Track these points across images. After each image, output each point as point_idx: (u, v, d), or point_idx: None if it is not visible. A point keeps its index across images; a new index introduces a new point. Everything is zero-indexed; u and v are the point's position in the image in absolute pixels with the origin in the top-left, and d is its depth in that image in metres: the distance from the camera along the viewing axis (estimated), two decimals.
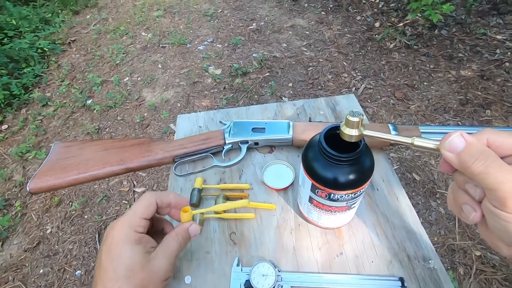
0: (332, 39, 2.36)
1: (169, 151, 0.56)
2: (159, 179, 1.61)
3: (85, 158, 0.55)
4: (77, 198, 1.57)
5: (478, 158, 0.23)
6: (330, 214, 0.42)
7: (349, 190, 0.37)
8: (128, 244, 0.32)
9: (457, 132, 0.25)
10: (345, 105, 0.66)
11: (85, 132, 1.88)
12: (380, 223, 0.47)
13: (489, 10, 2.31)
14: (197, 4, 2.94)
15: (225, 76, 2.14)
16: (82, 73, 2.31)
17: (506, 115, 1.63)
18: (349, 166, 0.36)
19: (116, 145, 0.57)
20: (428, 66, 2.02)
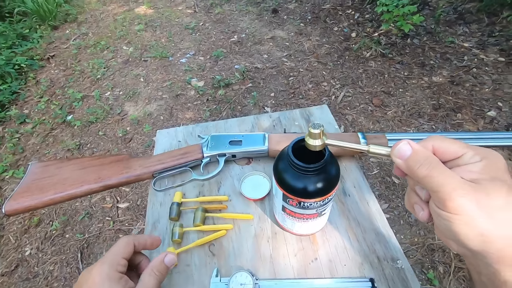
0: (312, 50, 2.43)
1: (148, 166, 0.57)
2: (143, 194, 1.59)
3: (62, 177, 0.55)
4: (57, 217, 1.53)
5: (422, 164, 0.26)
6: (303, 222, 0.44)
7: (318, 197, 0.39)
8: (109, 283, 0.32)
9: (405, 140, 0.28)
10: (318, 115, 0.69)
11: (65, 149, 1.84)
12: (352, 228, 0.49)
13: (456, 20, 2.45)
14: (179, 18, 2.98)
15: (208, 88, 2.16)
16: (62, 88, 2.28)
17: (476, 118, 1.73)
18: (316, 176, 0.38)
19: (94, 163, 0.57)
20: (402, 73, 2.11)
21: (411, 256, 1.25)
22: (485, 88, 1.89)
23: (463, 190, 0.24)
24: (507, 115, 1.70)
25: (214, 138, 0.60)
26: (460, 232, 0.24)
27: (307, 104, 1.97)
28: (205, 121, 1.92)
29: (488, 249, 0.24)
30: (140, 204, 1.56)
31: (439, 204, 0.25)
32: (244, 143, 0.59)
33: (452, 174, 0.25)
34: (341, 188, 0.55)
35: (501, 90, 1.85)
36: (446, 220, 0.25)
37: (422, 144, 0.28)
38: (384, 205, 1.43)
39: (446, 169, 0.26)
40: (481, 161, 0.25)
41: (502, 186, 0.24)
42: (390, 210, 1.41)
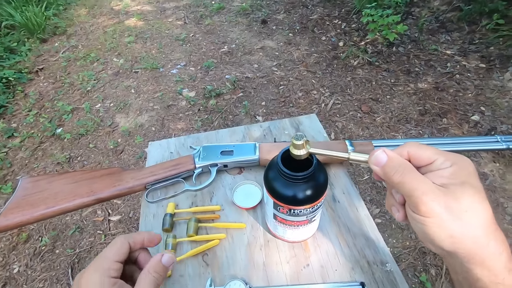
0: (301, 59, 2.48)
1: (140, 178, 0.57)
2: (135, 206, 1.58)
3: (53, 192, 0.55)
4: (47, 232, 1.50)
5: (397, 170, 0.27)
6: (294, 228, 0.45)
7: (307, 204, 0.40)
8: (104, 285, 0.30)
9: (381, 149, 0.29)
10: (307, 124, 0.71)
11: (55, 162, 1.82)
12: (342, 233, 0.50)
13: (438, 28, 2.55)
14: (169, 29, 3.00)
15: (199, 98, 2.18)
16: (51, 101, 2.26)
17: (460, 122, 1.78)
18: (305, 183, 0.39)
19: (86, 177, 0.57)
20: (389, 80, 2.17)
21: (404, 260, 1.27)
22: (468, 94, 1.95)
23: (433, 194, 0.25)
24: (490, 119, 1.76)
25: (205, 149, 0.61)
26: (432, 234, 0.26)
27: (298, 112, 2.00)
28: (197, 131, 1.93)
29: (459, 249, 0.25)
30: (132, 217, 1.54)
31: (413, 208, 0.27)
32: (236, 153, 0.60)
33: (423, 180, 0.27)
34: (330, 194, 0.56)
35: (483, 95, 1.92)
36: (420, 223, 0.27)
37: (399, 151, 0.30)
38: (376, 210, 1.45)
39: (418, 174, 0.27)
40: (451, 167, 0.27)
41: (469, 189, 0.26)
42: (382, 215, 1.43)
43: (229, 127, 2.00)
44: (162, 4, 3.49)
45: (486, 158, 1.58)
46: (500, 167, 1.53)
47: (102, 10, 3.43)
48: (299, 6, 3.15)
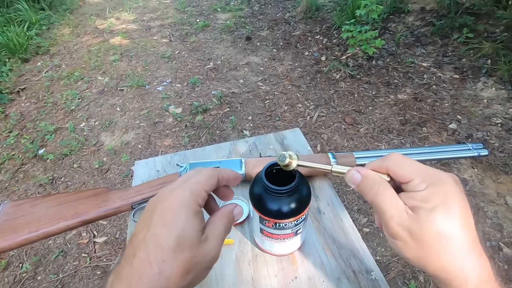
0: (285, 73, 2.55)
1: (127, 198, 0.57)
2: (121, 226, 1.54)
3: (37, 215, 0.54)
4: (28, 258, 1.44)
5: (370, 190, 0.28)
6: (281, 242, 0.46)
7: (292, 217, 0.42)
8: (186, 212, 0.27)
9: (355, 168, 0.31)
10: (292, 138, 0.73)
11: (37, 184, 1.76)
12: (328, 244, 0.52)
13: (414, 42, 2.69)
14: (154, 47, 3.03)
15: (186, 114, 2.18)
16: (33, 122, 2.21)
17: (439, 131, 1.86)
18: (289, 197, 0.41)
19: (71, 198, 0.57)
20: (370, 92, 2.25)
21: (393, 268, 1.28)
22: (445, 103, 2.05)
23: (399, 219, 0.26)
24: (466, 127, 1.85)
25: (192, 166, 0.62)
26: (401, 253, 0.27)
27: (284, 126, 2.03)
28: (184, 147, 1.92)
29: (427, 272, 0.26)
30: (119, 237, 1.50)
31: (384, 227, 0.28)
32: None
33: (394, 202, 0.27)
34: (315, 206, 0.58)
35: (459, 104, 2.02)
36: (391, 241, 0.28)
37: (378, 164, 0.30)
38: (364, 219, 1.47)
39: (390, 195, 0.27)
40: (425, 189, 0.26)
41: (440, 215, 0.25)
42: (370, 224, 1.45)
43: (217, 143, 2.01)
44: (147, 22, 3.53)
45: (465, 164, 1.64)
46: (479, 173, 1.60)
47: (86, 29, 3.44)
48: (281, 23, 3.26)
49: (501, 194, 1.49)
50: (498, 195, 1.48)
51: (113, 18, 3.65)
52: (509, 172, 1.56)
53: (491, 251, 1.28)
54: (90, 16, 3.71)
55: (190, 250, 0.26)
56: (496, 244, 1.30)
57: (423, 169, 0.28)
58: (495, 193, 1.49)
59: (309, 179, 0.63)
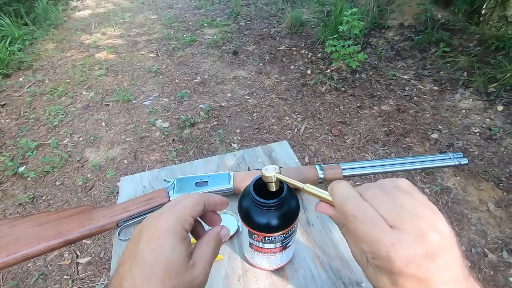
0: (272, 87, 2.59)
1: (112, 216, 0.55)
2: (106, 245, 1.48)
3: (16, 237, 0.52)
4: (5, 282, 1.36)
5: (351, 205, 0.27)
6: (270, 256, 0.45)
7: (281, 231, 0.41)
8: (173, 238, 0.27)
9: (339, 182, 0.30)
10: (279, 151, 0.74)
11: (16, 204, 1.69)
12: (318, 257, 0.51)
13: (395, 56, 2.80)
14: (141, 62, 3.03)
15: (174, 128, 2.17)
16: (14, 138, 2.14)
17: (422, 141, 1.91)
18: (277, 210, 0.41)
19: (53, 218, 0.55)
20: (355, 104, 2.31)
21: None
22: (426, 114, 2.12)
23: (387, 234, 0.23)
24: (448, 136, 1.91)
25: (180, 181, 0.61)
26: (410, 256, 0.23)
27: (272, 138, 2.05)
28: (171, 162, 1.90)
29: None
30: (103, 257, 1.44)
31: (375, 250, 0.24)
32: (210, 183, 0.61)
33: None
34: (305, 219, 0.58)
35: (439, 115, 2.09)
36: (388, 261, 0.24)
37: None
38: None
39: None
40: None
41: None
42: None
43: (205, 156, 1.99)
44: (133, 37, 3.54)
45: (448, 173, 1.69)
46: (461, 181, 1.64)
47: (71, 44, 3.41)
48: (267, 38, 3.34)
49: (483, 201, 1.53)
50: (481, 202, 1.53)
51: (99, 33, 3.64)
52: (489, 179, 1.61)
53: (476, 257, 1.30)
54: (76, 31, 3.68)
55: (177, 277, 0.26)
56: (481, 251, 1.33)
57: None
58: (477, 200, 1.54)
59: (297, 192, 0.63)
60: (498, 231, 1.40)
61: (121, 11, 4.26)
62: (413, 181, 1.68)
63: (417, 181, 1.67)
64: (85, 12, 4.30)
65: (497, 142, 1.82)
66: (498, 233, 1.39)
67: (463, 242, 1.37)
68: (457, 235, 1.38)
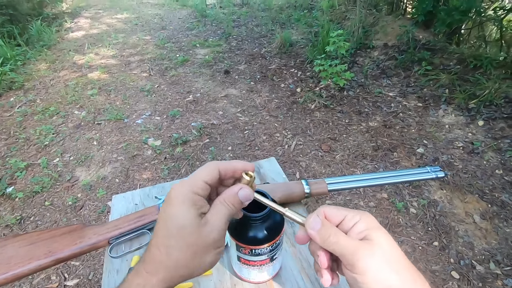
0: (263, 105, 2.65)
1: (103, 234, 0.56)
2: (95, 266, 1.45)
3: (6, 256, 0.52)
4: None
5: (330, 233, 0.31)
6: (258, 268, 0.47)
7: (266, 243, 0.44)
8: (184, 204, 0.30)
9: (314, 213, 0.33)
10: (267, 167, 0.77)
11: (3, 225, 1.65)
12: (304, 269, 0.53)
13: (380, 74, 2.91)
14: (134, 81, 3.08)
15: (166, 146, 2.18)
16: (2, 158, 2.12)
17: (409, 155, 1.97)
18: (263, 223, 0.43)
19: (44, 237, 0.55)
20: (344, 120, 2.38)
21: None
22: (412, 129, 2.20)
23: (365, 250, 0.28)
24: (433, 151, 1.98)
25: None
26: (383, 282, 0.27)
27: (263, 155, 2.08)
28: (163, 180, 1.90)
29: None
30: (92, 279, 1.41)
31: (350, 267, 0.29)
32: None
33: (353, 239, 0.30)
34: (291, 232, 0.60)
35: (424, 130, 2.17)
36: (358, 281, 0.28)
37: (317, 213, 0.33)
38: None
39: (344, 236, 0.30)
40: (361, 220, 0.31)
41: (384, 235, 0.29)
42: None
43: None
44: (126, 58, 3.61)
45: (434, 186, 1.74)
46: (447, 194, 1.69)
47: (64, 64, 3.45)
48: (258, 58, 3.45)
49: (469, 213, 1.57)
50: (467, 214, 1.57)
51: (92, 53, 3.70)
52: (474, 192, 1.66)
53: (465, 269, 1.33)
54: (69, 51, 3.74)
55: (190, 235, 0.30)
56: (469, 262, 1.35)
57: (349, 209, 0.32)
58: (463, 212, 1.58)
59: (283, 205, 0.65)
60: (484, 242, 1.43)
61: (115, 32, 4.36)
62: (401, 194, 1.72)
63: (405, 195, 1.71)
64: (79, 33, 4.38)
65: (479, 156, 1.89)
66: (485, 244, 1.42)
67: (452, 255, 1.39)
68: (445, 247, 1.41)
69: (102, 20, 4.93)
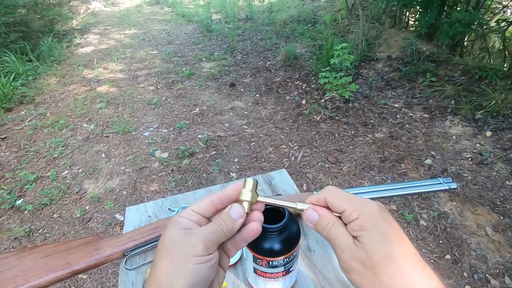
0: (268, 117, 2.67)
1: (119, 245, 0.57)
2: (103, 279, 1.45)
3: (24, 268, 0.53)
4: None
5: (325, 228, 0.31)
6: (274, 281, 0.47)
7: (283, 255, 0.44)
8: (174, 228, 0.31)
9: (312, 207, 0.33)
10: (279, 179, 0.77)
11: (11, 238, 1.66)
12: (319, 281, 0.53)
13: (385, 86, 2.93)
14: (141, 95, 3.13)
15: (172, 158, 2.20)
16: (12, 171, 2.15)
17: (417, 167, 1.96)
18: (279, 235, 0.43)
19: (60, 249, 0.56)
20: (350, 132, 2.38)
21: None
22: (419, 140, 2.19)
23: (350, 252, 0.28)
24: (441, 162, 1.96)
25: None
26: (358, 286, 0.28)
27: (270, 167, 2.08)
28: (170, 192, 1.91)
29: None
30: None
31: (339, 262, 0.30)
32: None
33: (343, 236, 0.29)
34: (305, 244, 0.60)
35: (431, 141, 2.16)
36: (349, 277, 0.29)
37: (317, 197, 0.32)
38: None
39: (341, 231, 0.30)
40: (358, 218, 0.28)
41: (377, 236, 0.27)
42: None
43: (203, 186, 2.02)
44: (134, 72, 3.69)
45: (444, 198, 1.71)
46: (458, 205, 1.66)
47: (73, 78, 3.53)
48: (263, 71, 3.50)
49: (480, 225, 1.54)
50: (478, 227, 1.54)
51: (101, 68, 3.79)
52: (485, 204, 1.64)
53: (479, 284, 1.29)
54: (78, 66, 3.83)
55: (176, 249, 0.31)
56: (483, 277, 1.32)
57: (353, 199, 0.30)
58: (475, 224, 1.55)
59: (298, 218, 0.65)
60: (498, 256, 1.40)
61: (123, 47, 4.47)
62: (410, 206, 1.70)
63: (414, 207, 1.69)
64: (88, 49, 4.50)
65: (488, 167, 1.87)
66: (499, 258, 1.39)
67: (465, 268, 1.36)
68: (458, 261, 1.38)
69: (110, 36, 5.07)
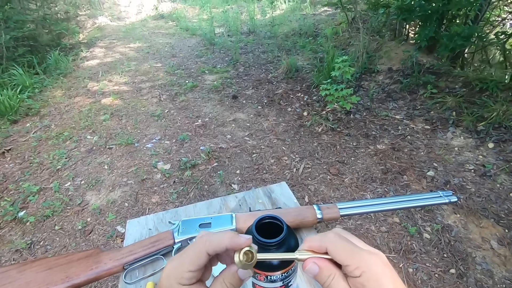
0: (270, 128, 2.69)
1: (119, 259, 0.57)
2: None
3: (25, 281, 0.53)
4: None
5: (325, 281, 0.32)
6: None
7: (282, 269, 0.44)
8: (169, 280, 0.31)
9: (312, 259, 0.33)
10: (279, 192, 0.78)
11: (13, 250, 1.66)
12: None
13: (386, 98, 2.95)
14: (144, 107, 3.17)
15: (175, 170, 2.21)
16: (16, 183, 2.16)
17: (419, 178, 1.95)
18: (278, 249, 0.43)
19: (61, 262, 0.56)
20: (351, 144, 2.38)
21: None
22: (421, 152, 2.18)
23: None
24: (443, 174, 1.95)
25: (184, 223, 0.64)
26: None
27: (271, 178, 2.08)
28: (172, 204, 1.91)
29: None
30: None
31: None
32: (213, 224, 0.64)
33: None
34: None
35: (433, 153, 2.15)
36: None
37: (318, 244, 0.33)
38: None
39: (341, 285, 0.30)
40: (360, 277, 0.29)
41: None
42: None
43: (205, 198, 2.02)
44: (138, 84, 3.75)
45: (447, 210, 1.70)
46: (462, 218, 1.65)
47: (78, 91, 3.59)
48: (265, 83, 3.54)
49: (485, 238, 1.52)
50: (483, 240, 1.51)
51: (105, 80, 3.85)
52: (489, 216, 1.62)
53: None
54: (83, 79, 3.90)
55: None
56: None
57: (356, 254, 0.30)
58: (479, 238, 1.53)
59: (296, 231, 0.65)
60: (504, 270, 1.37)
61: (127, 60, 4.56)
62: (413, 219, 1.68)
63: (417, 219, 1.67)
64: (93, 62, 4.59)
65: (492, 179, 1.85)
66: (505, 272, 1.36)
67: (470, 283, 1.33)
68: (463, 275, 1.35)
69: (115, 49, 5.18)
